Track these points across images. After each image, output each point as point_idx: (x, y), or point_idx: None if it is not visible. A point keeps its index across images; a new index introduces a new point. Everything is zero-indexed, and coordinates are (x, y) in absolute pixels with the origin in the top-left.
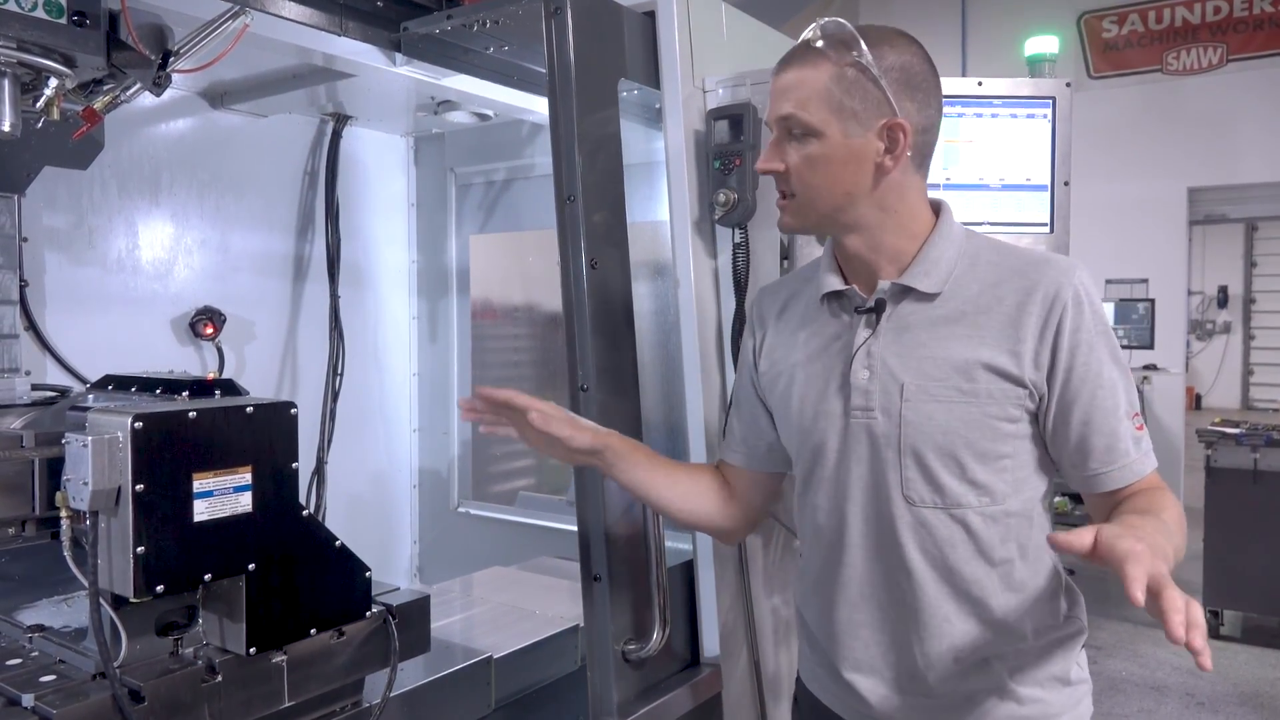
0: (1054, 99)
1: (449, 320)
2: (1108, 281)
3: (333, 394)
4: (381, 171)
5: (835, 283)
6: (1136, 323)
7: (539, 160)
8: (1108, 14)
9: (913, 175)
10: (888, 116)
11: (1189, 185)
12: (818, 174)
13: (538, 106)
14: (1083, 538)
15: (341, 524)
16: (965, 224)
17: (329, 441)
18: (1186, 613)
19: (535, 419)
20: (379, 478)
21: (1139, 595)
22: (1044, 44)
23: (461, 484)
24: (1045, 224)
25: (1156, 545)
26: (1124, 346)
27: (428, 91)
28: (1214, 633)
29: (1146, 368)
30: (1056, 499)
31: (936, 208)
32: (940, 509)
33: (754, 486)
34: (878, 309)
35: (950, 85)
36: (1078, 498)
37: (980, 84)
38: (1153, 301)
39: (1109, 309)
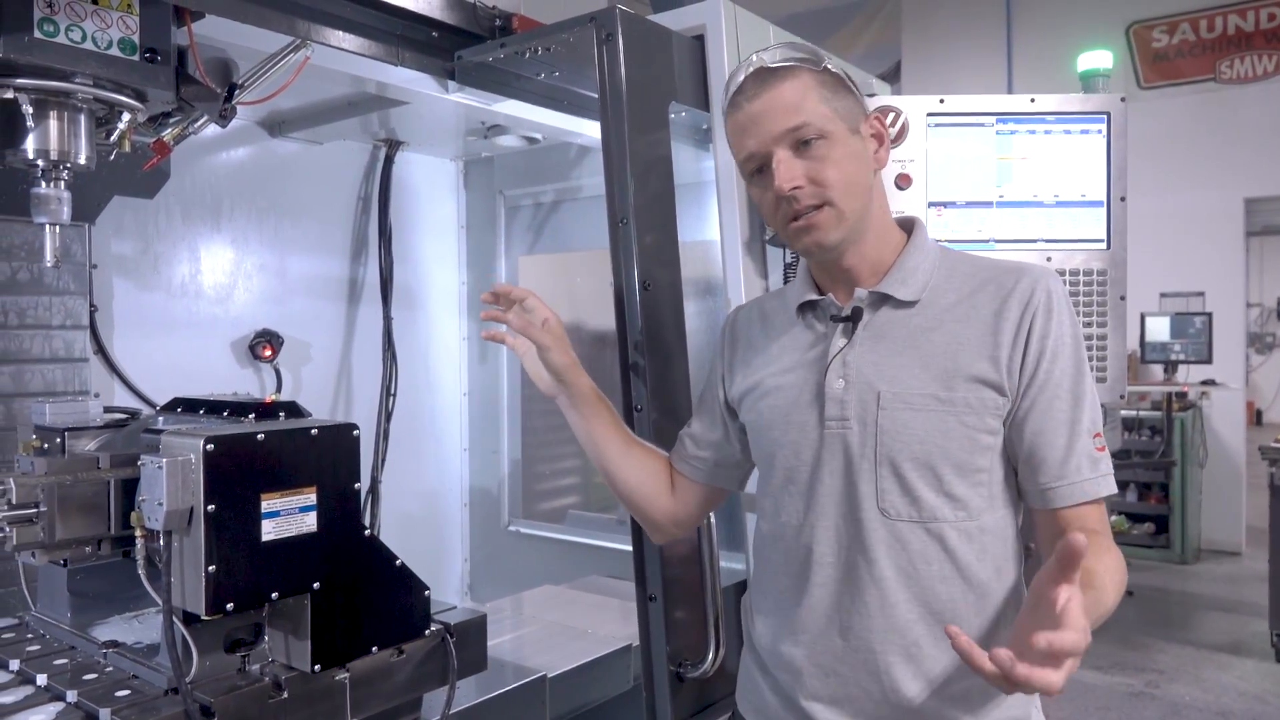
0: (1109, 114)
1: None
2: (1162, 295)
3: (386, 414)
4: (432, 195)
5: (810, 292)
6: (1194, 337)
7: (586, 182)
8: (1157, 24)
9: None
10: (864, 115)
11: (1245, 196)
12: (842, 171)
13: (585, 129)
14: (1000, 657)
15: (394, 542)
16: (1015, 241)
17: (383, 461)
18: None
19: (513, 320)
20: (430, 496)
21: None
22: (1098, 59)
23: (512, 502)
24: (1102, 240)
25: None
26: (1181, 361)
27: (478, 117)
28: None
29: (1205, 383)
30: (1114, 518)
31: (909, 224)
32: (916, 523)
33: (694, 496)
34: (854, 317)
35: (1002, 102)
36: (1136, 517)
37: (1033, 100)
38: (1210, 315)
39: (1164, 323)
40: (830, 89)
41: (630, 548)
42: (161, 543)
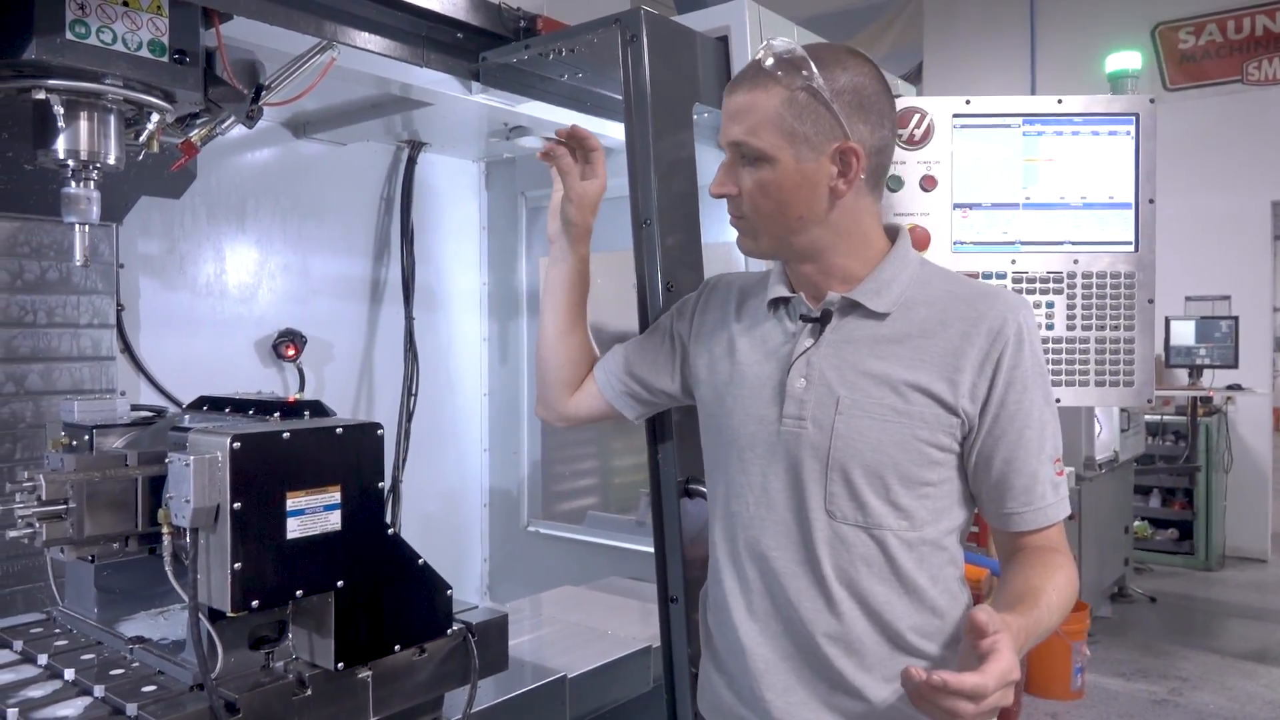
0: (1137, 115)
1: (519, 341)
2: (1188, 298)
3: (407, 414)
4: (454, 196)
5: (782, 290)
6: (1219, 341)
7: (609, 183)
8: (1184, 24)
9: (866, 197)
10: (840, 140)
11: (1273, 198)
12: (770, 199)
13: (608, 131)
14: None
15: (414, 542)
16: (1041, 243)
17: (403, 460)
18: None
19: (562, 156)
20: (451, 496)
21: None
22: (1126, 60)
23: (531, 503)
24: (1130, 242)
25: (1020, 644)
26: (1206, 366)
27: (500, 118)
28: None
29: (1230, 387)
30: (1137, 523)
31: (894, 233)
32: (860, 527)
33: (593, 404)
34: (823, 320)
35: (1029, 103)
36: (1159, 523)
37: (1060, 101)
38: (1236, 319)
39: (1189, 326)
40: (798, 110)
41: (650, 549)
42: (188, 540)
